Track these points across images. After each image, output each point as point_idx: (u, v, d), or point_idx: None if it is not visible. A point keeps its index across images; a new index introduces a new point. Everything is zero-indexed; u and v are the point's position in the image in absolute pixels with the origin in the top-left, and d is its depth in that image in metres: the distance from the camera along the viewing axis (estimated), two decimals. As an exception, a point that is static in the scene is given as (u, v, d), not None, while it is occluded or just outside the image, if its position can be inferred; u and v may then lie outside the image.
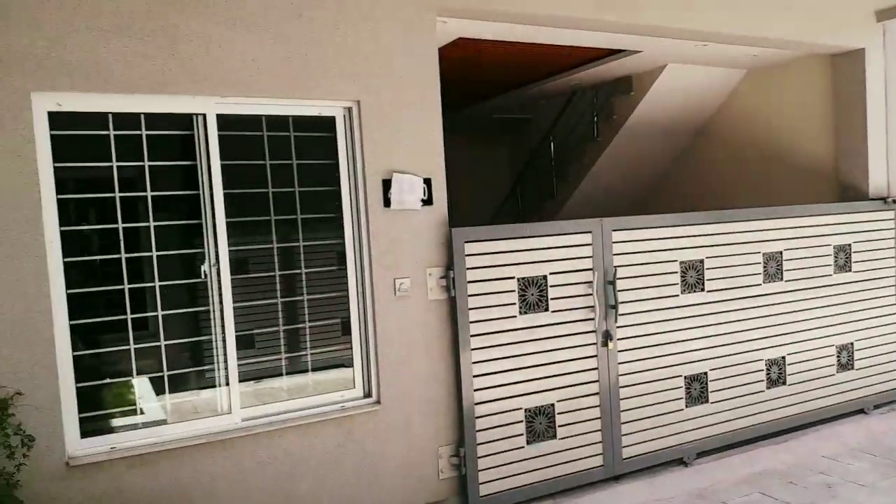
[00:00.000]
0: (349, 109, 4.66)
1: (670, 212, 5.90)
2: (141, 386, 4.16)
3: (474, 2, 4.94)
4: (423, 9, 4.78)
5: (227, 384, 4.33)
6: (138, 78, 3.95)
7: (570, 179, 9.80)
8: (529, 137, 11.84)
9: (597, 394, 5.37)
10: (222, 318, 4.31)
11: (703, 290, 5.83)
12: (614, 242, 5.46)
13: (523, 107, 10.91)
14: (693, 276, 5.79)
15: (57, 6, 3.72)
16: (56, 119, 3.84)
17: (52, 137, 3.82)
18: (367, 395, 4.73)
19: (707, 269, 5.85)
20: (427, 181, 4.81)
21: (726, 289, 5.94)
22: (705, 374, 5.86)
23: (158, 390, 4.20)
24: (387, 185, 4.67)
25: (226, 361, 4.32)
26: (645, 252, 5.59)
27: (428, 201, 4.81)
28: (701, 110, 8.75)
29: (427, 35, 4.81)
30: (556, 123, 10.43)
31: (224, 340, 4.32)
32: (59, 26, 3.73)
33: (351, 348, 4.73)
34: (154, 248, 4.15)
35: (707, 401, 5.86)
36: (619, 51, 7.14)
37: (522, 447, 5.11)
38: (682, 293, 5.75)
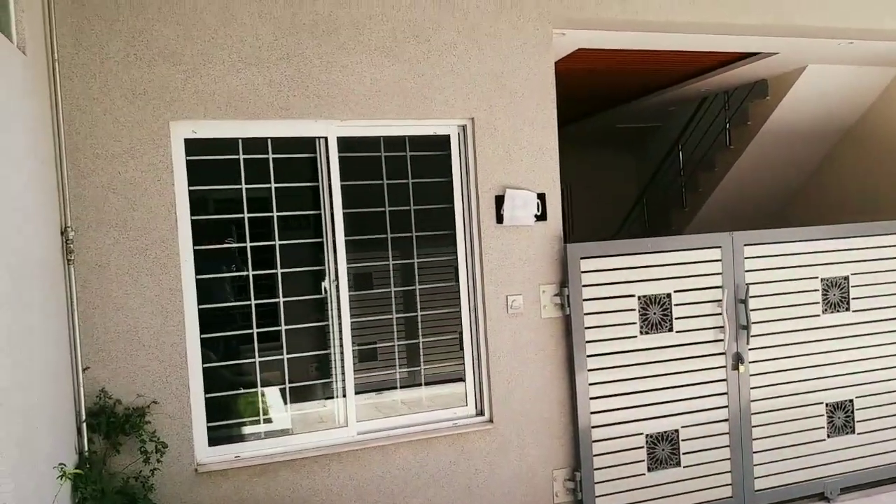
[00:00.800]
0: (464, 127, 4.68)
1: (813, 224, 5.46)
2: (265, 397, 4.36)
3: (593, 11, 4.82)
4: (539, 23, 4.72)
5: (345, 397, 4.45)
6: (265, 105, 4.17)
7: (700, 190, 9.33)
8: (658, 146, 11.41)
9: (726, 420, 5.05)
10: (340, 333, 4.44)
11: (847, 309, 5.34)
12: (746, 258, 5.12)
13: (651, 114, 10.54)
14: (836, 295, 5.32)
15: (193, 40, 4.00)
16: (190, 145, 4.12)
17: (188, 162, 4.10)
18: (480, 412, 4.71)
19: (853, 286, 5.36)
20: (541, 196, 4.73)
21: (875, 308, 5.40)
22: (851, 401, 5.35)
23: (282, 401, 4.39)
24: (499, 201, 4.64)
25: (343, 375, 4.45)
26: (781, 268, 5.21)
27: (542, 217, 4.73)
28: (846, 113, 8.05)
29: (543, 50, 4.75)
30: (685, 131, 9.98)
31: (342, 354, 4.45)
32: (195, 58, 4.01)
33: (463, 365, 4.73)
34: (279, 266, 4.36)
35: (853, 431, 5.35)
36: (754, 53, 6.71)
37: (643, 474, 4.89)
38: (823, 313, 5.29)
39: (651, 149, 11.75)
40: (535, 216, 4.71)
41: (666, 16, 4.99)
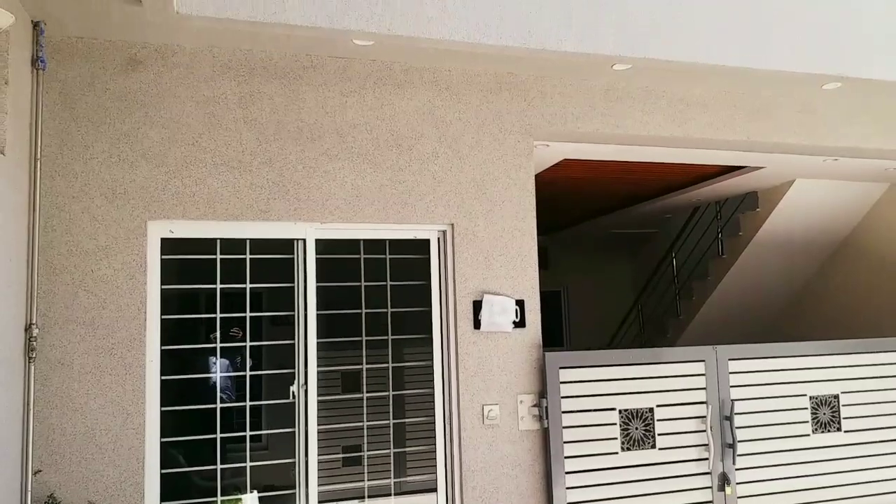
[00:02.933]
0: (443, 232, 4.71)
1: (809, 337, 5.38)
2: (226, 505, 4.19)
3: (573, 125, 4.94)
4: (520, 135, 4.83)
5: (309, 509, 4.26)
6: (245, 206, 4.22)
7: (694, 298, 9.27)
8: (654, 252, 11.45)
9: (713, 545, 4.78)
10: (307, 440, 4.30)
11: (839, 429, 5.16)
12: (732, 373, 5.00)
13: (646, 221, 10.64)
14: (826, 414, 5.15)
15: (177, 143, 4.10)
16: (167, 244, 4.15)
17: (162, 261, 4.12)
18: (452, 530, 4.48)
19: (844, 405, 5.20)
20: (520, 303, 4.69)
21: (868, 429, 5.21)
22: (846, 528, 5.08)
23: (242, 511, 4.20)
24: (477, 306, 4.60)
25: (307, 484, 4.28)
26: (768, 384, 5.08)
27: (520, 323, 4.67)
28: (838, 227, 8.09)
29: (524, 161, 4.84)
30: (678, 239, 10.03)
31: (307, 463, 4.29)
32: (178, 160, 4.10)
33: (436, 478, 4.55)
34: (248, 368, 4.28)
35: (850, 561, 5.05)
36: (740, 167, 6.82)
37: None
38: (813, 432, 5.11)
39: (647, 254, 11.80)
40: (514, 323, 4.66)
41: (647, 130, 5.11)
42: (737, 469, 4.87)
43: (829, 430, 5.14)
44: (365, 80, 4.52)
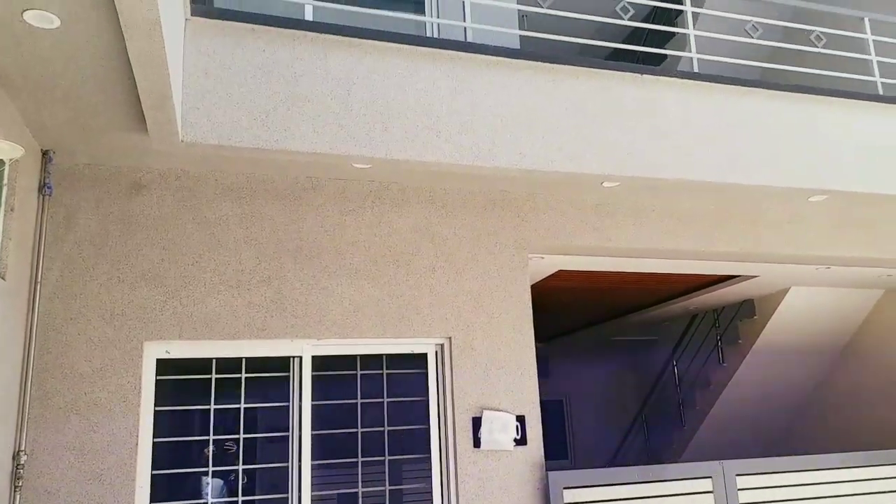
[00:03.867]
0: (441, 346, 4.69)
1: (814, 450, 5.23)
2: None
3: (567, 239, 5.03)
4: (515, 249, 4.91)
5: None
6: (242, 325, 4.23)
7: (697, 407, 9.09)
8: (655, 360, 11.34)
9: None
10: (301, 571, 4.11)
11: (857, 550, 4.94)
12: (740, 489, 4.84)
13: (645, 329, 10.61)
14: (842, 533, 4.94)
15: (177, 263, 4.16)
16: (162, 364, 4.12)
17: (157, 382, 4.07)
18: None
19: (859, 523, 5.00)
20: (520, 419, 4.60)
21: (887, 549, 5.00)
22: None
23: None
24: (477, 423, 4.51)
25: None
26: (778, 501, 4.90)
27: (521, 441, 4.56)
28: (838, 332, 8.07)
29: (520, 273, 4.89)
30: (678, 347, 9.97)
31: None
32: (177, 281, 4.14)
33: None
34: (240, 493, 4.14)
35: None
36: (735, 276, 6.89)
37: None
38: (830, 553, 4.89)
39: (648, 362, 11.68)
40: (515, 440, 4.55)
41: (638, 243, 5.20)
42: None
43: (846, 550, 4.92)
44: (363, 200, 4.64)
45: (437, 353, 4.71)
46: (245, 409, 4.26)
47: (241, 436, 4.22)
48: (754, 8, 5.91)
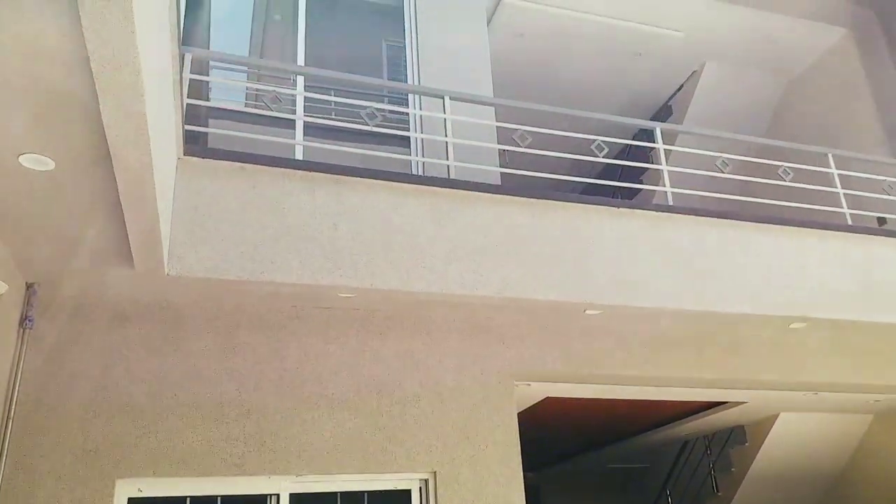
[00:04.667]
0: (425, 481, 4.53)
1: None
2: None
3: (552, 367, 5.01)
4: (501, 377, 4.88)
5: None
6: (219, 461, 4.09)
7: (695, 541, 8.73)
8: (647, 488, 10.97)
9: None
10: None
11: None
12: None
13: (636, 456, 10.34)
14: None
15: (155, 396, 4.08)
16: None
17: (127, 524, 3.89)
18: None
19: None
20: (509, 562, 4.38)
21: None
22: None
23: None
24: (463, 567, 4.29)
25: None
26: None
27: (510, 586, 4.32)
28: (830, 459, 7.90)
29: (506, 402, 4.83)
30: (670, 475, 9.69)
31: None
32: (155, 414, 4.04)
33: None
34: None
35: None
36: (722, 402, 6.83)
37: None
38: None
39: (641, 490, 11.28)
40: (503, 584, 4.31)
41: (625, 370, 5.18)
42: None
43: None
44: (347, 328, 4.64)
45: (421, 488, 4.55)
46: (218, 552, 4.05)
47: (213, 582, 3.98)
48: (723, 144, 6.22)
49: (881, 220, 6.40)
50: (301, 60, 5.41)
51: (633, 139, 7.77)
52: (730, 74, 8.65)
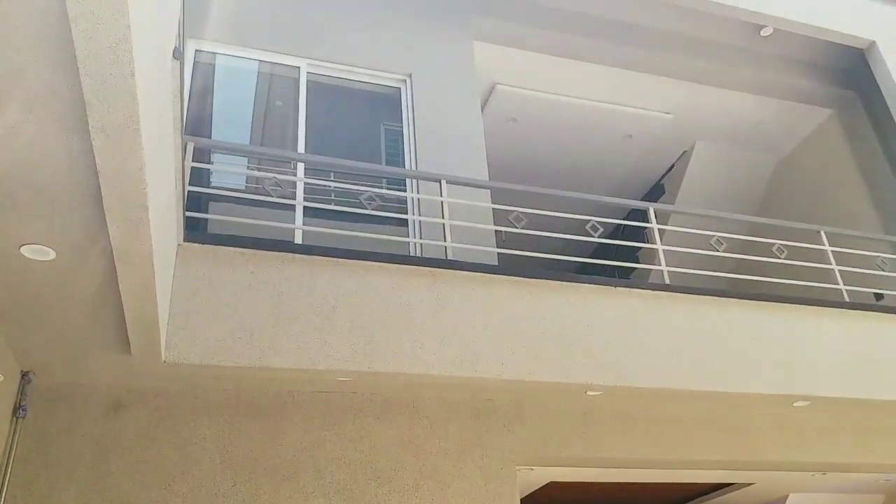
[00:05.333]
0: (426, 575, 4.36)
1: None
2: None
3: (555, 450, 4.91)
4: (502, 462, 4.76)
5: None
6: (212, 554, 3.95)
7: None
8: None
9: None
10: None
11: None
12: None
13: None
14: None
15: (149, 488, 3.97)
16: None
17: None
18: None
19: None
20: None
21: None
22: None
23: None
24: None
25: None
26: None
27: None
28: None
29: (508, 489, 4.69)
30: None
31: None
32: (146, 507, 3.93)
33: None
34: None
35: None
36: (731, 483, 6.65)
37: None
38: None
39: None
40: None
41: (628, 453, 5.07)
42: None
43: None
44: (345, 413, 4.56)
45: (421, 581, 4.37)
46: None
47: None
48: (717, 222, 6.31)
49: (878, 296, 6.42)
50: (301, 145, 5.54)
51: (627, 217, 7.89)
52: (720, 154, 8.84)
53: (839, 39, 7.63)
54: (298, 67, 5.81)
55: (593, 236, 5.08)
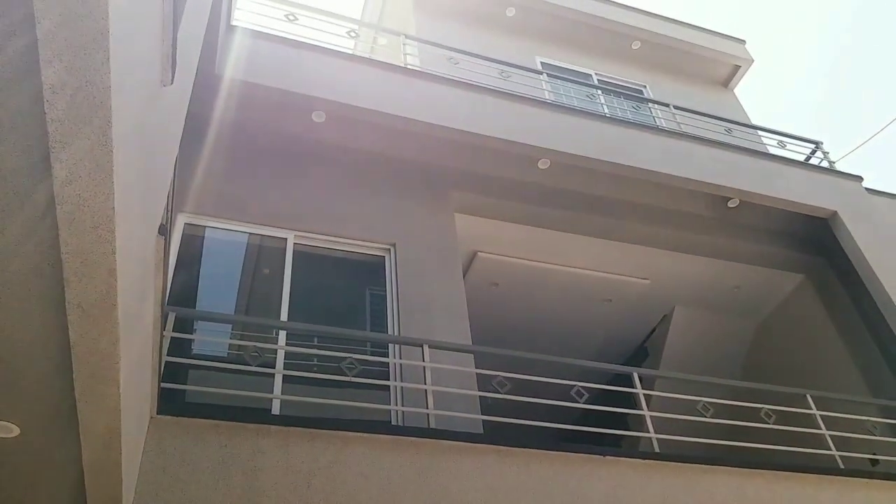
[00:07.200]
0: None
1: None
2: None
3: None
4: None
5: None
6: None
7: None
8: None
9: None
10: None
11: None
12: None
13: None
14: None
15: None
16: None
17: None
18: None
19: None
20: None
21: None
22: None
23: None
24: None
25: None
26: None
27: None
28: None
29: None
30: None
31: None
32: None
33: None
34: None
35: None
36: None
37: None
38: None
39: None
40: None
41: None
42: None
43: None
44: None
45: None
46: None
47: None
48: (702, 386, 6.25)
49: (874, 462, 6.25)
50: (285, 312, 5.56)
51: (612, 382, 7.80)
52: (699, 317, 8.96)
53: (801, 210, 8.02)
54: (286, 239, 5.97)
55: (579, 402, 5.00)
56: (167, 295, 3.40)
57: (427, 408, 4.71)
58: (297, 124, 6.56)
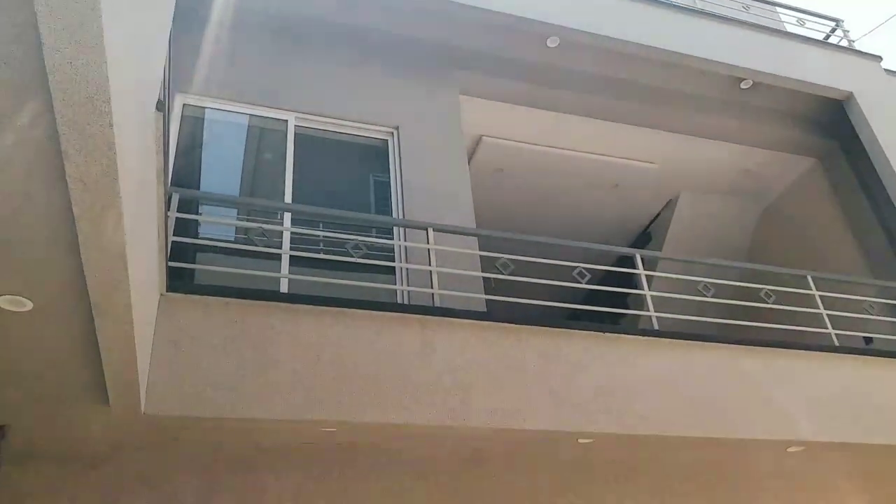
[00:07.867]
0: None
1: None
2: None
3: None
4: (491, 515, 4.65)
5: None
6: None
7: None
8: None
9: None
10: None
11: None
12: None
13: None
14: None
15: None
16: None
17: None
18: None
19: None
20: None
21: None
22: None
23: None
24: None
25: None
26: None
27: None
28: None
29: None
30: None
31: None
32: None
33: None
34: None
35: None
36: None
37: None
38: None
39: None
40: None
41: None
42: None
43: None
44: (331, 465, 4.48)
45: None
46: None
47: None
48: (705, 268, 6.33)
49: (868, 341, 6.41)
50: (289, 196, 5.56)
51: (616, 264, 7.89)
52: (705, 202, 8.94)
53: (817, 91, 7.81)
54: (286, 121, 5.88)
55: (581, 283, 5.08)
56: (170, 175, 3.39)
57: (432, 288, 4.80)
58: (293, 1, 6.31)
